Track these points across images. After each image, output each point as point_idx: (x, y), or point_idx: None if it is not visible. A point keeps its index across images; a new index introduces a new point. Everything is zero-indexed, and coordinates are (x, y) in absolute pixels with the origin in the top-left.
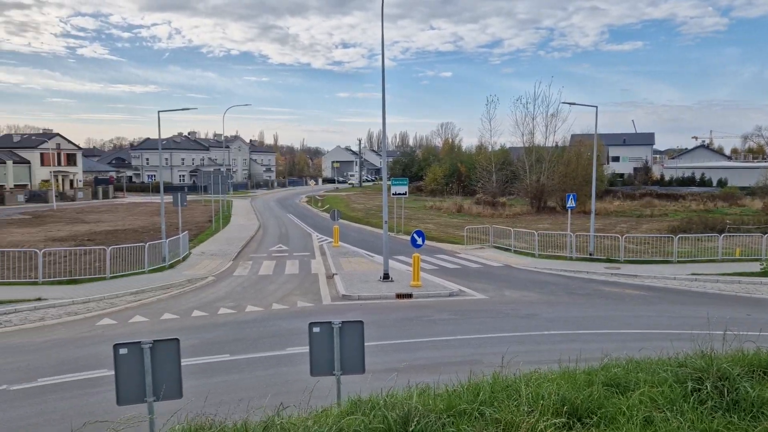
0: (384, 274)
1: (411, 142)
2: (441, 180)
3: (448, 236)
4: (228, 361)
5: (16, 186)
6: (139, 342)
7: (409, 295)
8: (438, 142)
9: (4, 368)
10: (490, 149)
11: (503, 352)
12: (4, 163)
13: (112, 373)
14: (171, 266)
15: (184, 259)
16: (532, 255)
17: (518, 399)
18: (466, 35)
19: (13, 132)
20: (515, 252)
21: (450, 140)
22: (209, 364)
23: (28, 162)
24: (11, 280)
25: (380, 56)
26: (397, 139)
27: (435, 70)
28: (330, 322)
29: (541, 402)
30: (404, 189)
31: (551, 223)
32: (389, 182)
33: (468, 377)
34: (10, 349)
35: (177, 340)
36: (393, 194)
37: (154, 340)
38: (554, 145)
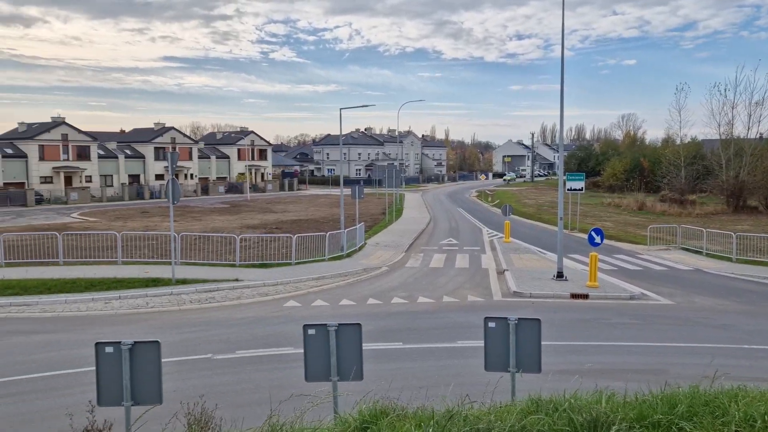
0: (558, 272)
1: (588, 136)
2: (621, 175)
3: (627, 235)
4: (401, 349)
5: (217, 178)
6: (326, 324)
7: (585, 296)
8: (618, 134)
9: (210, 339)
10: (678, 142)
11: (694, 364)
12: (209, 158)
13: (299, 351)
14: (348, 255)
15: (360, 249)
16: (729, 259)
17: (724, 418)
18: (654, 18)
19: (216, 130)
20: (707, 255)
21: (632, 133)
22: (383, 350)
23: (228, 157)
24: (214, 262)
25: (556, 46)
26: (573, 132)
27: (617, 58)
28: (506, 318)
29: (757, 424)
30: (580, 184)
31: (752, 224)
32: (564, 177)
33: (661, 387)
34: (214, 323)
35: (359, 325)
36: (568, 190)
37: (339, 324)
38: (758, 136)
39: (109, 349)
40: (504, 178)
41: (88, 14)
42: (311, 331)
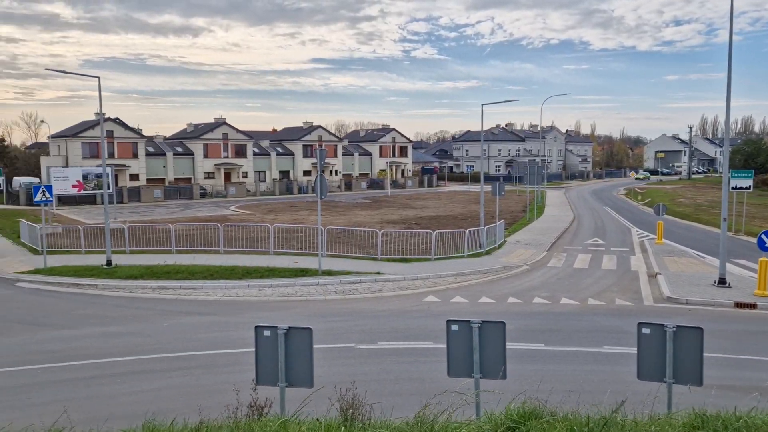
0: (720, 278)
1: (756, 129)
2: None
3: None
4: (543, 350)
5: (360, 175)
6: (469, 321)
7: (753, 305)
8: None
9: (353, 329)
10: None
11: None
12: (352, 155)
13: (439, 346)
14: (487, 252)
15: (499, 246)
16: None
17: None
18: None
19: (359, 128)
20: None
21: None
22: (524, 351)
23: (370, 154)
24: (357, 255)
25: (721, 31)
26: (739, 125)
27: None
28: (662, 325)
29: None
30: (747, 182)
31: None
32: (729, 174)
33: None
34: (357, 314)
35: (503, 323)
36: (732, 188)
37: (483, 321)
38: None
39: (266, 333)
40: (636, 176)
41: (247, 22)
42: (454, 327)
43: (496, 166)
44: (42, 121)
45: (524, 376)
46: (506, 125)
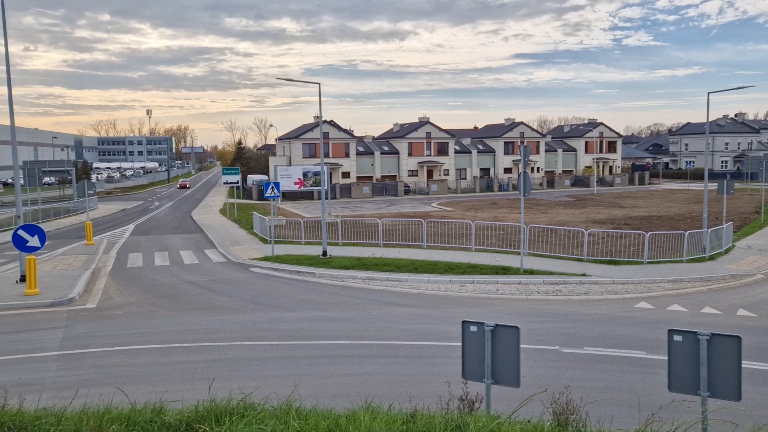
0: None
1: None
2: None
3: None
4: None
5: (563, 172)
6: (695, 332)
7: None
8: None
9: (557, 332)
10: None
11: None
12: (555, 151)
13: (652, 357)
14: (711, 258)
15: (726, 251)
16: None
17: None
18: None
19: (563, 123)
20: None
21: None
22: (761, 371)
23: (574, 150)
24: (560, 255)
25: None
26: None
27: None
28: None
29: None
30: None
31: None
32: None
33: None
34: (561, 316)
35: (738, 338)
36: None
37: (713, 334)
38: None
39: (473, 329)
40: None
41: (451, 22)
42: (677, 338)
43: (722, 162)
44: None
45: (760, 401)
46: (736, 115)
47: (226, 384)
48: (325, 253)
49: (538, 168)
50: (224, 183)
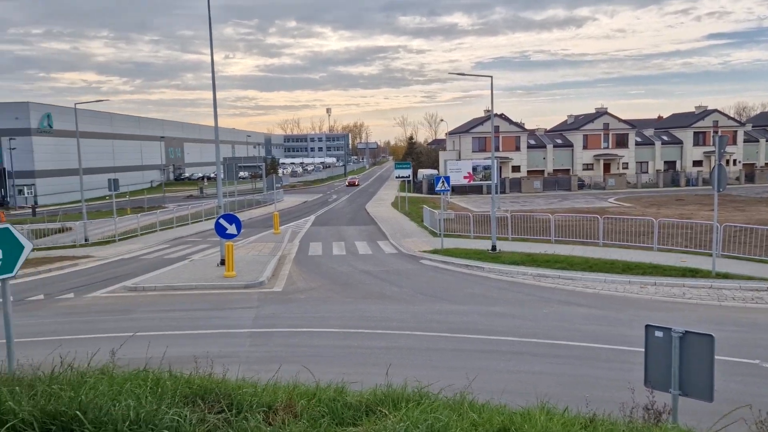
0: None
1: None
2: None
3: None
4: None
5: (766, 164)
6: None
7: None
8: None
9: (757, 344)
10: None
11: None
12: (757, 141)
13: None
14: None
15: None
16: None
17: None
18: None
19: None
20: None
21: None
22: None
23: None
24: (762, 258)
25: None
26: None
27: None
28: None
29: None
30: None
31: None
32: None
33: None
34: (761, 327)
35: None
36: None
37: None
38: None
39: (658, 334)
40: None
41: (634, 5)
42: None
43: None
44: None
45: None
46: None
47: (399, 371)
48: (494, 248)
49: (735, 160)
50: (396, 177)
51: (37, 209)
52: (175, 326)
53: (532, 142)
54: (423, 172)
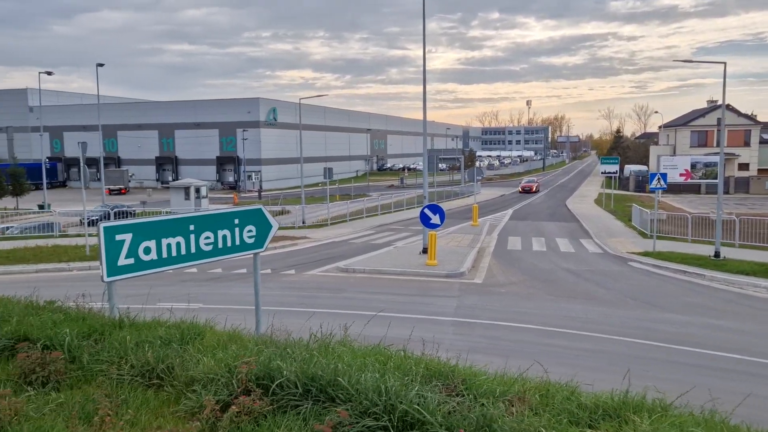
0: None
1: None
2: None
3: None
4: None
5: None
6: None
7: None
8: None
9: None
10: None
11: None
12: None
13: None
14: None
15: None
16: None
17: None
18: None
19: None
20: None
21: None
22: None
23: None
24: None
25: None
26: None
27: None
28: None
29: None
30: None
31: None
32: None
33: None
34: None
35: None
36: None
37: None
38: None
39: None
40: None
41: None
42: None
43: None
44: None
45: None
46: None
47: (608, 377)
48: (717, 254)
49: None
50: (602, 173)
51: (262, 193)
52: (383, 308)
53: (766, 136)
54: (630, 168)
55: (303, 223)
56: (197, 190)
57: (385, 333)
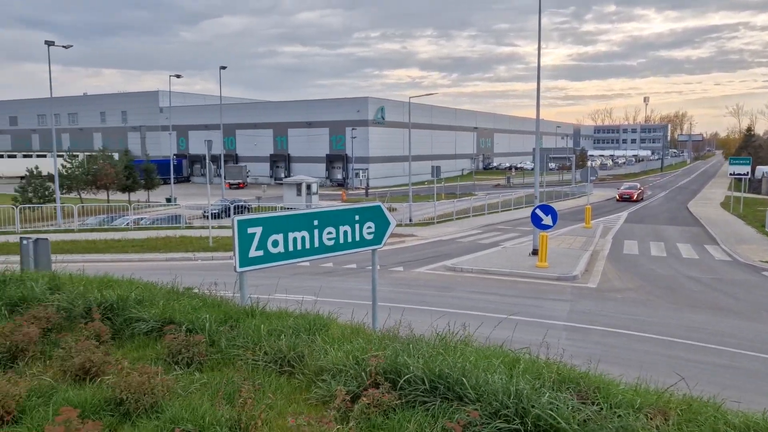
0: None
1: None
2: None
3: None
4: None
5: None
6: None
7: None
8: None
9: None
10: None
11: None
12: None
13: None
14: None
15: None
16: None
17: None
18: None
19: None
20: None
21: None
22: None
23: None
24: None
25: None
26: None
27: None
28: None
29: None
30: None
31: None
32: None
33: None
34: None
35: None
36: None
37: None
38: None
39: None
40: None
41: None
42: None
43: None
44: None
45: None
46: None
47: (750, 397)
48: None
49: None
50: (730, 174)
51: (369, 190)
52: (491, 308)
53: None
54: (762, 169)
55: (410, 220)
56: (308, 187)
57: (504, 335)
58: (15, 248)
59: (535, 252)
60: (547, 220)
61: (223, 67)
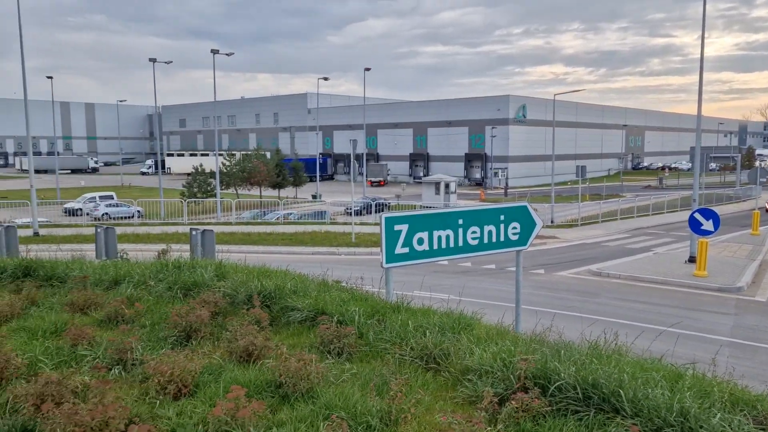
0: None
1: None
2: None
3: None
4: None
5: None
6: None
7: None
8: None
9: None
10: None
11: None
12: None
13: None
14: None
15: None
16: None
17: None
18: None
19: None
20: None
21: None
22: None
23: None
24: None
25: None
26: None
27: None
28: None
29: None
30: None
31: None
32: None
33: None
34: None
35: None
36: None
37: None
38: None
39: None
40: None
41: None
42: None
43: None
44: None
45: None
46: None
47: None
48: None
49: None
50: None
51: (508, 190)
52: (642, 318)
53: None
54: None
55: (552, 222)
56: (447, 186)
57: (659, 347)
58: (184, 238)
59: (692, 259)
60: (707, 225)
61: (368, 69)
